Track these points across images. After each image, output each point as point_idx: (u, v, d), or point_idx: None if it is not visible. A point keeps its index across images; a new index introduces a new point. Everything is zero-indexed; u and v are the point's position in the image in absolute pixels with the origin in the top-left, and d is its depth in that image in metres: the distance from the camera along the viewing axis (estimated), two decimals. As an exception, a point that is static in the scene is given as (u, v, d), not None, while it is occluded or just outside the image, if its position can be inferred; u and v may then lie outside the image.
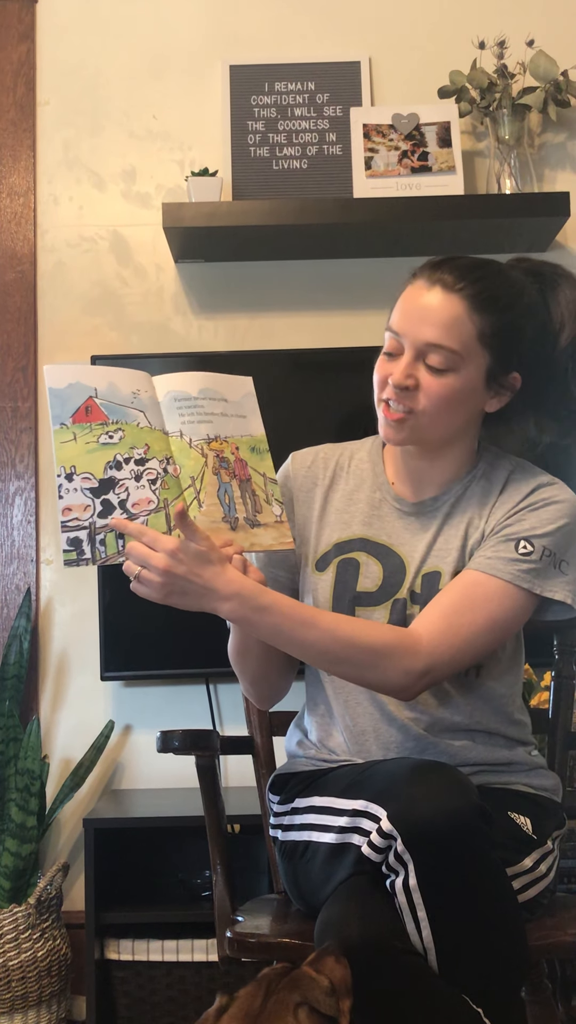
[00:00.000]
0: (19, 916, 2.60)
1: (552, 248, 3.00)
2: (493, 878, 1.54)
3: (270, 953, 1.72)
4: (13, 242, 3.02)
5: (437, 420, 1.75)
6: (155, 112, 3.05)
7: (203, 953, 2.55)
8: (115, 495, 1.61)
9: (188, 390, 1.69)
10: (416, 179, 2.89)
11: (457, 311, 1.72)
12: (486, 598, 1.72)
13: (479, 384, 1.75)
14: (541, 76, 2.88)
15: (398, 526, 1.83)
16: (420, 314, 1.73)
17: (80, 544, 1.59)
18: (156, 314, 3.01)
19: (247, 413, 1.72)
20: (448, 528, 1.80)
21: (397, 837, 1.50)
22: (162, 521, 1.62)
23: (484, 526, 1.78)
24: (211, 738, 1.89)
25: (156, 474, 1.64)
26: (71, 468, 1.60)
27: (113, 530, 1.60)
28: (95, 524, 1.59)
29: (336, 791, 1.67)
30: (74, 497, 1.59)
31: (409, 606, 1.78)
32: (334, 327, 2.99)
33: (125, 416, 1.64)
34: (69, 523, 1.59)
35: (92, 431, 1.62)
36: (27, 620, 2.86)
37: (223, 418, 1.70)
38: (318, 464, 1.89)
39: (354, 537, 1.82)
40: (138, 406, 1.65)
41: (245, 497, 1.68)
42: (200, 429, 1.67)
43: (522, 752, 1.83)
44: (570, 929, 1.68)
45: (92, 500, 1.60)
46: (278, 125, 2.99)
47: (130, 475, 1.62)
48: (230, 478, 1.67)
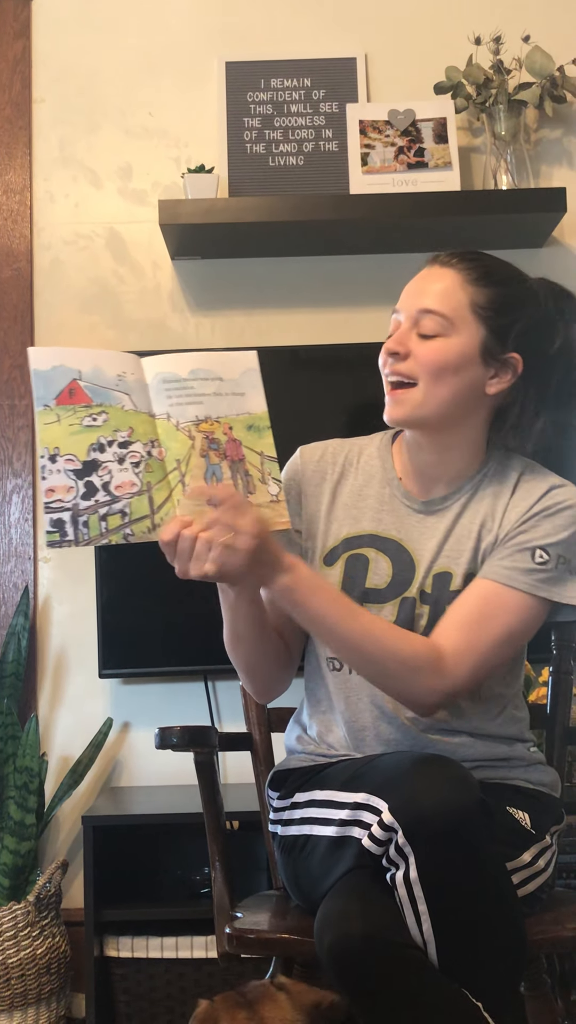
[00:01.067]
0: (18, 914, 2.60)
1: (548, 244, 3.00)
2: (493, 872, 1.55)
3: (269, 949, 1.72)
4: (9, 240, 3.02)
5: (433, 387, 1.75)
6: (151, 109, 3.05)
7: (202, 950, 2.56)
8: (98, 477, 1.61)
9: (178, 372, 1.69)
10: (412, 175, 2.88)
11: (450, 281, 1.77)
12: (504, 609, 1.73)
13: (473, 355, 1.75)
14: (537, 72, 2.88)
15: (408, 523, 1.83)
16: (416, 288, 1.80)
17: (63, 525, 1.59)
18: (153, 311, 3.01)
19: (246, 390, 1.71)
20: (459, 528, 1.80)
21: (398, 830, 1.51)
22: (144, 504, 1.62)
23: (498, 530, 1.78)
24: (209, 735, 1.89)
25: (140, 457, 1.64)
26: (54, 449, 1.61)
27: (95, 512, 1.60)
28: (78, 506, 1.60)
29: (336, 785, 1.68)
30: (57, 478, 1.60)
31: (418, 605, 1.78)
32: (331, 323, 2.99)
33: (109, 399, 1.64)
34: (52, 504, 1.60)
35: (76, 413, 1.62)
36: (25, 618, 2.86)
37: (215, 398, 1.69)
38: (327, 459, 1.89)
39: (363, 533, 1.82)
40: (123, 388, 1.65)
41: (236, 478, 1.67)
42: (188, 411, 1.67)
43: (521, 748, 1.83)
44: (568, 924, 1.68)
45: (75, 482, 1.61)
46: (274, 122, 2.99)
47: (113, 458, 1.62)
48: (219, 459, 1.67)
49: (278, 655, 1.85)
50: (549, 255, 3.01)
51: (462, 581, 1.77)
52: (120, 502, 1.61)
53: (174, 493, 1.64)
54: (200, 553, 1.59)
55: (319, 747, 1.84)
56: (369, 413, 1.96)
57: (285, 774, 1.85)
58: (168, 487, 1.64)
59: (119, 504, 1.61)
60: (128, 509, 1.62)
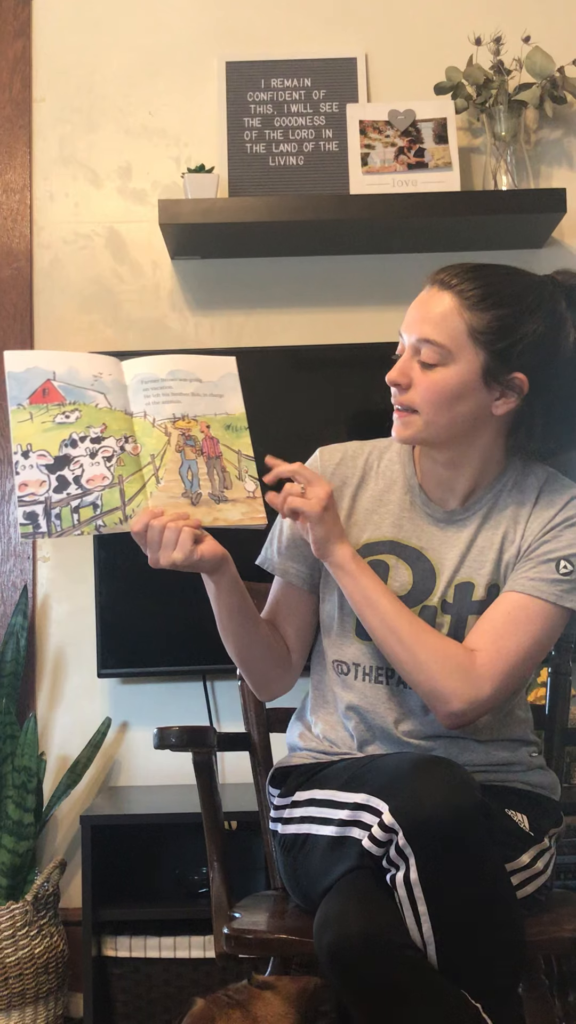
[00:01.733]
0: (16, 913, 2.60)
1: (548, 244, 3.00)
2: (493, 874, 1.55)
3: (267, 949, 1.72)
4: (9, 239, 3.02)
5: (435, 417, 1.75)
6: (151, 109, 3.05)
7: (200, 950, 2.56)
8: (70, 471, 1.67)
9: (156, 372, 1.74)
10: (412, 175, 2.88)
11: (447, 307, 1.74)
12: (530, 621, 1.74)
13: (475, 381, 1.74)
14: (537, 72, 2.88)
15: (429, 531, 1.83)
16: (417, 312, 1.77)
17: (36, 518, 1.65)
18: (152, 311, 3.01)
19: (225, 392, 1.75)
20: (481, 539, 1.80)
21: (399, 831, 1.51)
22: (116, 496, 1.68)
23: (520, 541, 1.79)
24: (208, 734, 1.89)
25: (112, 452, 1.69)
26: (27, 446, 1.67)
27: (67, 505, 1.66)
28: (51, 499, 1.66)
29: (337, 784, 1.68)
30: (30, 473, 1.66)
31: (439, 615, 1.78)
32: (331, 324, 2.99)
33: (83, 397, 1.70)
34: (26, 498, 1.65)
35: (48, 411, 1.69)
36: (24, 617, 2.86)
37: (193, 398, 1.74)
38: (346, 463, 1.88)
39: (384, 539, 1.82)
40: (99, 388, 1.71)
41: (212, 473, 1.72)
42: (165, 409, 1.72)
43: (523, 753, 1.83)
44: (567, 925, 1.68)
45: (48, 476, 1.66)
46: (274, 121, 2.99)
47: (85, 452, 1.68)
48: (195, 455, 1.72)
49: (272, 651, 1.85)
50: (549, 255, 3.01)
51: (484, 592, 1.78)
52: (92, 495, 1.67)
53: (147, 486, 1.69)
54: (168, 541, 1.64)
55: (322, 744, 1.85)
56: (369, 413, 1.96)
57: (286, 771, 1.85)
58: (141, 480, 1.69)
59: (91, 497, 1.67)
60: (100, 501, 1.67)
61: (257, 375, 2.89)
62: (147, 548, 1.67)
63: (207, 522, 1.70)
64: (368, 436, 1.94)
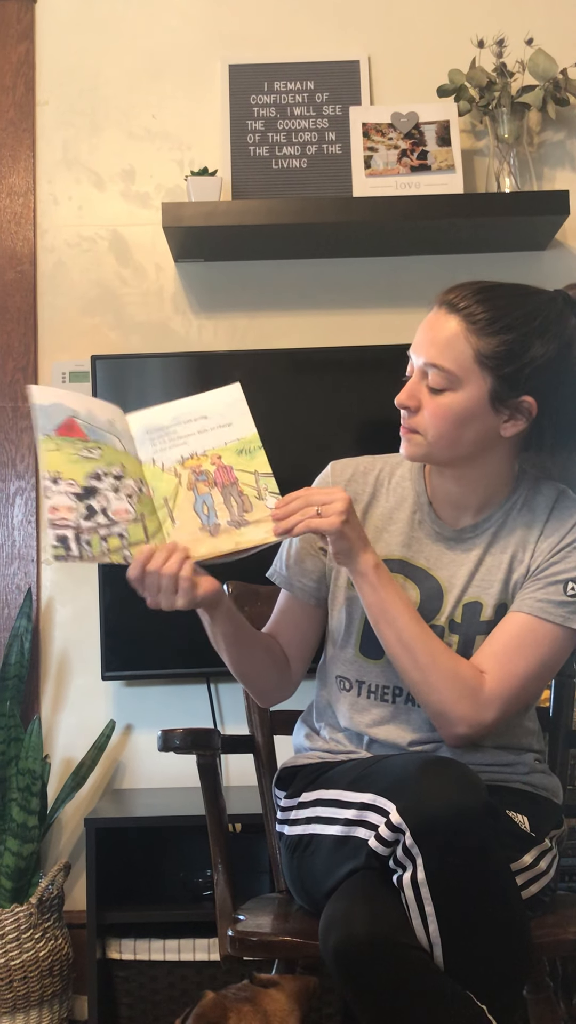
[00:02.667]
0: (21, 916, 2.60)
1: (551, 247, 3.00)
2: (500, 875, 1.55)
3: (272, 951, 1.72)
4: (13, 242, 3.02)
5: (442, 439, 1.75)
6: (154, 112, 3.05)
7: (205, 952, 2.56)
8: (96, 502, 1.68)
9: (160, 422, 1.75)
10: (415, 178, 2.89)
11: (454, 332, 1.73)
12: (537, 643, 1.74)
13: (482, 406, 1.73)
14: (540, 74, 2.88)
15: (437, 550, 1.82)
16: (425, 334, 1.76)
17: (67, 541, 1.66)
18: (156, 314, 3.01)
19: (233, 420, 1.74)
20: (490, 558, 1.80)
21: (406, 831, 1.51)
22: (140, 530, 1.69)
23: (529, 561, 1.78)
24: (212, 737, 1.89)
25: (132, 491, 1.70)
26: (56, 473, 1.67)
27: (96, 533, 1.66)
28: (81, 525, 1.66)
29: (343, 784, 1.68)
30: (60, 499, 1.66)
31: (447, 634, 1.78)
32: (334, 326, 2.99)
33: (102, 438, 1.71)
34: (57, 521, 1.66)
35: (74, 444, 1.69)
36: (28, 620, 2.86)
37: (200, 435, 1.74)
38: (357, 478, 1.88)
39: (392, 558, 1.81)
40: (114, 432, 1.72)
41: (229, 501, 1.71)
42: (172, 453, 1.73)
43: (527, 757, 1.83)
44: (572, 927, 1.68)
45: (76, 503, 1.67)
46: (277, 124, 2.99)
47: (109, 487, 1.69)
48: (209, 488, 1.72)
49: (271, 666, 1.87)
50: (552, 258, 3.01)
51: (493, 612, 1.78)
52: (118, 526, 1.68)
53: (163, 527, 1.70)
54: (167, 588, 1.66)
55: (328, 744, 1.85)
56: (372, 416, 1.96)
57: (293, 772, 1.85)
58: (157, 522, 1.70)
59: (118, 527, 1.68)
60: (126, 533, 1.68)
61: (260, 378, 2.90)
62: (145, 592, 1.68)
63: (228, 548, 1.69)
64: (371, 438, 1.94)
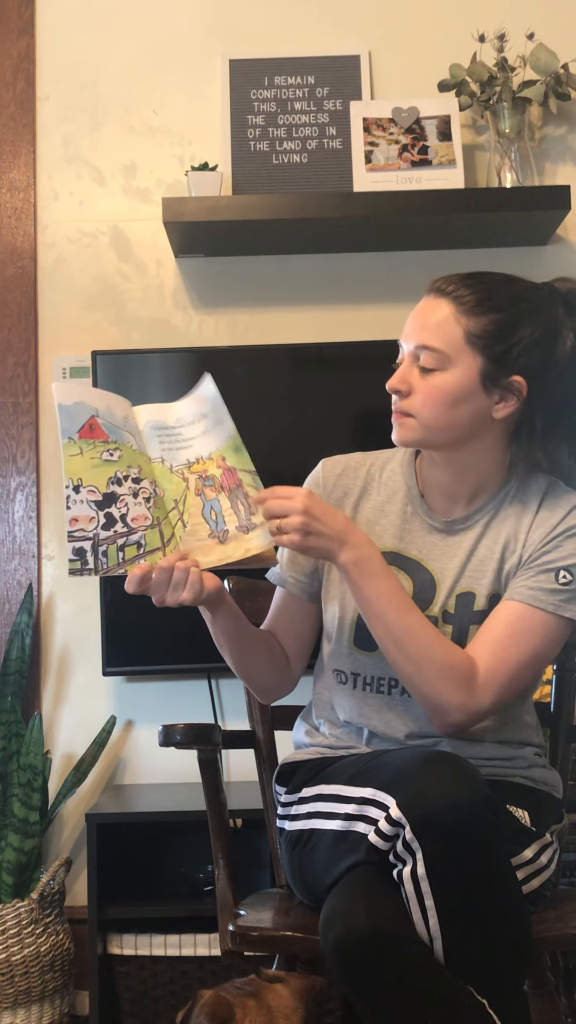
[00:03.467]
0: (22, 911, 2.60)
1: (553, 242, 3.00)
2: (500, 869, 1.55)
3: (272, 946, 1.72)
4: (13, 237, 3.02)
5: (434, 421, 1.76)
6: (155, 107, 3.05)
7: (206, 947, 2.56)
8: (116, 509, 1.68)
9: (165, 420, 1.74)
10: (416, 173, 2.88)
11: (444, 313, 1.75)
12: (530, 631, 1.74)
13: (473, 385, 1.74)
14: (541, 69, 2.88)
15: (429, 541, 1.83)
16: (415, 320, 1.79)
17: (84, 554, 1.66)
18: (156, 309, 3.01)
19: (221, 415, 1.74)
20: (482, 548, 1.80)
21: (406, 825, 1.51)
22: (157, 537, 1.69)
23: (521, 551, 1.78)
24: (213, 732, 1.89)
25: (149, 493, 1.70)
26: (78, 480, 1.67)
27: (114, 543, 1.66)
28: (99, 535, 1.66)
29: (343, 779, 1.68)
30: (81, 508, 1.66)
31: (440, 624, 1.78)
32: (335, 322, 2.99)
33: (121, 437, 1.70)
34: (75, 533, 1.66)
35: (95, 447, 1.69)
36: (29, 616, 2.86)
37: (203, 437, 1.74)
38: (348, 474, 1.89)
39: (385, 551, 1.81)
40: (129, 429, 1.72)
41: (236, 505, 1.71)
42: (180, 456, 1.73)
43: (527, 751, 1.83)
44: (572, 922, 1.68)
45: (96, 512, 1.67)
46: (278, 119, 2.98)
47: (128, 491, 1.69)
48: (216, 493, 1.72)
49: (271, 661, 1.87)
50: (553, 252, 3.01)
51: (486, 601, 1.78)
52: (136, 534, 1.68)
53: (176, 531, 1.70)
54: (178, 581, 1.66)
55: (327, 739, 1.85)
56: (372, 411, 1.96)
57: (293, 767, 1.85)
58: (171, 525, 1.70)
59: (135, 536, 1.68)
60: (143, 541, 1.68)
61: (261, 373, 2.90)
62: (153, 591, 1.67)
63: (238, 556, 1.69)
64: (371, 433, 1.94)
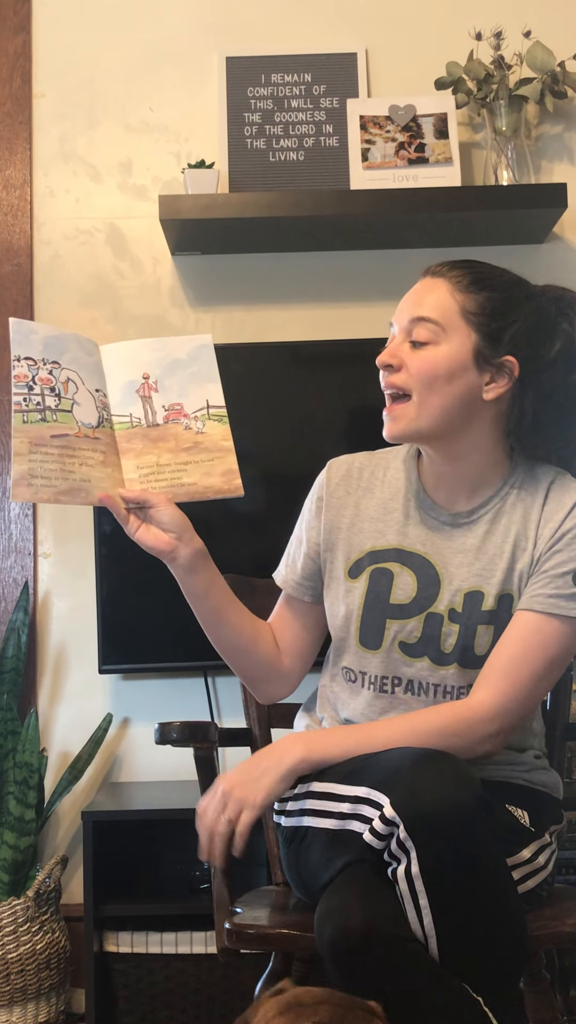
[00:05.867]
0: (18, 909, 2.60)
1: (549, 240, 3.00)
2: (494, 868, 1.55)
3: (269, 944, 1.72)
4: (9, 235, 3.02)
5: (427, 397, 1.75)
6: (151, 104, 3.05)
7: (202, 945, 2.56)
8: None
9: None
10: (413, 171, 2.88)
11: (439, 289, 1.77)
12: (544, 643, 1.73)
13: (466, 361, 1.75)
14: (538, 67, 2.88)
15: (434, 536, 1.82)
16: (409, 299, 1.80)
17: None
18: (153, 307, 3.01)
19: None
20: (490, 546, 1.79)
21: (400, 824, 1.51)
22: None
23: (532, 550, 1.77)
24: (209, 730, 1.89)
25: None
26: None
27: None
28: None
29: (337, 777, 1.68)
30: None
31: (447, 623, 1.78)
32: (331, 319, 2.99)
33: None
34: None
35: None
36: (25, 613, 2.86)
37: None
38: (353, 472, 1.89)
39: (388, 547, 1.82)
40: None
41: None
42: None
43: (528, 755, 1.83)
44: (568, 919, 1.68)
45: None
46: (275, 117, 2.98)
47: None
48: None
49: (253, 647, 1.88)
50: (550, 251, 3.01)
51: (495, 601, 1.77)
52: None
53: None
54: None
55: None
56: (368, 409, 1.96)
57: None
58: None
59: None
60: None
61: (257, 370, 2.90)
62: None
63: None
64: (368, 431, 1.94)
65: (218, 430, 1.79)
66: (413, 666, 1.78)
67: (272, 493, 2.79)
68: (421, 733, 1.68)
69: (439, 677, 1.78)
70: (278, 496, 2.77)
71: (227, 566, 1.91)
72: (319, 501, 1.89)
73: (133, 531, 1.75)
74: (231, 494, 1.77)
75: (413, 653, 1.78)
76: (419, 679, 1.78)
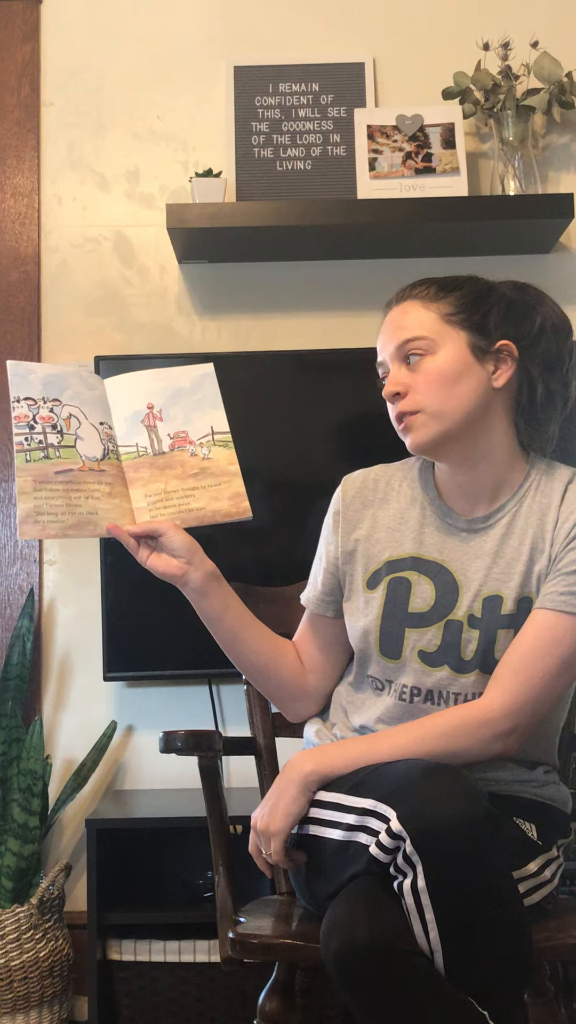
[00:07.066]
0: (21, 916, 2.60)
1: (556, 250, 3.00)
2: (500, 882, 1.54)
3: (272, 954, 1.72)
4: (17, 242, 3.02)
5: (442, 405, 1.76)
6: (159, 113, 3.05)
7: (205, 954, 2.55)
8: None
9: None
10: (420, 180, 2.88)
11: (412, 309, 1.81)
12: (556, 641, 1.72)
13: (466, 358, 1.77)
14: (545, 77, 2.88)
15: (449, 543, 1.82)
16: (386, 333, 1.83)
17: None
18: (159, 315, 3.01)
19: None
20: (508, 549, 1.78)
21: (406, 838, 1.50)
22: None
23: (550, 550, 1.77)
24: (213, 739, 1.89)
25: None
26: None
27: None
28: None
29: (344, 788, 1.67)
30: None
31: (466, 629, 1.77)
32: (338, 328, 2.99)
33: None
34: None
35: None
36: (30, 620, 2.86)
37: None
38: (368, 484, 1.90)
39: (405, 556, 1.82)
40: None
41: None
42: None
43: (539, 771, 1.82)
44: (573, 931, 1.67)
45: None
46: (282, 126, 2.99)
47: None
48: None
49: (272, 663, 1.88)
50: (556, 261, 3.01)
51: (514, 605, 1.76)
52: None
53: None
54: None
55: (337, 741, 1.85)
56: (374, 418, 1.96)
57: None
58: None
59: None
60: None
61: (264, 379, 2.90)
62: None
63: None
64: (376, 440, 1.95)
65: (224, 455, 1.80)
66: (433, 675, 1.77)
67: (278, 501, 2.79)
68: (429, 737, 1.68)
69: (460, 686, 1.77)
70: (284, 504, 2.78)
71: (232, 575, 1.91)
72: (336, 516, 1.89)
73: (144, 559, 1.79)
74: (239, 517, 1.79)
75: (433, 662, 1.78)
76: (439, 688, 1.78)
